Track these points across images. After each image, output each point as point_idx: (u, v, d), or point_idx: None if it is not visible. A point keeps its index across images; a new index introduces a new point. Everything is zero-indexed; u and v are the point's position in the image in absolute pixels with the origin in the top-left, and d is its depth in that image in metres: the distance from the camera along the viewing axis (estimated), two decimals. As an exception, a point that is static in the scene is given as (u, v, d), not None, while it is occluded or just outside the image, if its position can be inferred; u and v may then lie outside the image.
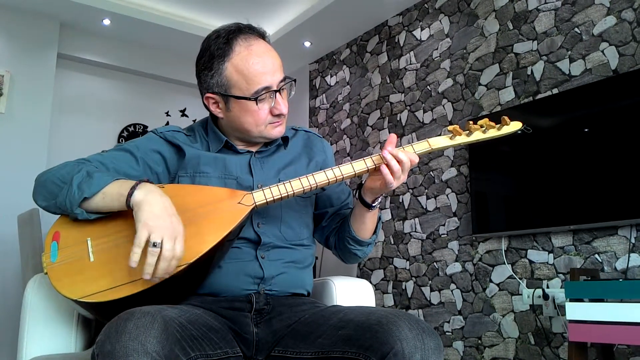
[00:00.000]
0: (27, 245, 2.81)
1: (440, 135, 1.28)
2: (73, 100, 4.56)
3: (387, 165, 1.21)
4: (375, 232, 1.39)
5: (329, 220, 1.45)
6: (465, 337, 3.28)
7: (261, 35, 1.32)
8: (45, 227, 2.41)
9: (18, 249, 3.02)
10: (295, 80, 1.35)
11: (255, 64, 1.25)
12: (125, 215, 1.19)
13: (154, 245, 1.06)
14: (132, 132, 4.81)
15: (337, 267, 3.04)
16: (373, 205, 1.31)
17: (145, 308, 0.98)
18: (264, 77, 1.26)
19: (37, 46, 4.22)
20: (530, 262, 2.98)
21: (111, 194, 1.16)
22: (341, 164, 1.26)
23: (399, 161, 1.21)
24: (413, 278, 3.67)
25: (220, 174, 1.30)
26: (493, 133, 1.29)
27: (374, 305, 1.54)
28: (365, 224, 1.35)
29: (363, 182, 1.32)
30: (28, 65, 4.15)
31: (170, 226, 1.10)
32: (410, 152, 1.24)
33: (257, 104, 1.27)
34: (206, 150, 1.35)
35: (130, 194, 1.13)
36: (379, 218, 1.40)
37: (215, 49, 1.28)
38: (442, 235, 3.51)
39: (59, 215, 1.24)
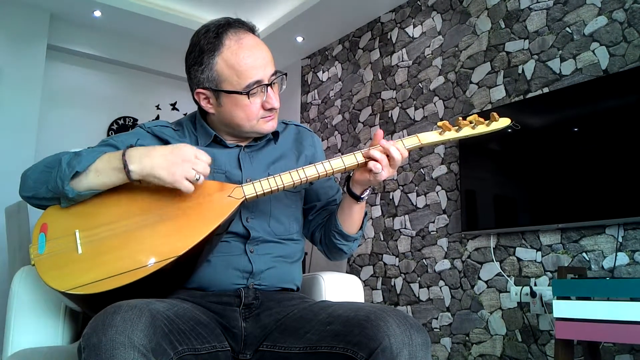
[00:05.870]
0: (14, 237, 2.78)
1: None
2: (62, 92, 4.52)
3: (377, 160, 1.22)
4: (361, 227, 1.39)
5: (315, 215, 1.45)
6: (453, 334, 3.30)
7: (251, 29, 1.30)
8: (33, 219, 2.40)
9: (5, 241, 3.00)
10: (286, 75, 1.34)
11: (246, 58, 1.24)
12: (113, 207, 1.18)
13: (198, 179, 1.15)
14: (122, 125, 4.78)
15: (327, 262, 3.04)
16: (361, 197, 1.31)
17: (132, 301, 0.98)
18: (255, 71, 1.24)
19: (27, 37, 4.17)
20: (519, 259, 3.00)
21: (105, 170, 1.16)
22: (331, 158, 1.26)
23: (390, 157, 1.22)
24: (402, 274, 3.68)
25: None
26: (482, 129, 1.30)
27: (362, 301, 1.54)
28: (353, 218, 1.35)
29: (351, 174, 1.32)
30: (17, 56, 4.11)
31: (184, 157, 1.14)
32: (401, 147, 1.24)
33: (248, 98, 1.25)
34: (195, 144, 1.34)
35: (127, 171, 1.14)
36: (366, 214, 1.40)
37: (205, 44, 1.26)
38: (432, 232, 3.52)
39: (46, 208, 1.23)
